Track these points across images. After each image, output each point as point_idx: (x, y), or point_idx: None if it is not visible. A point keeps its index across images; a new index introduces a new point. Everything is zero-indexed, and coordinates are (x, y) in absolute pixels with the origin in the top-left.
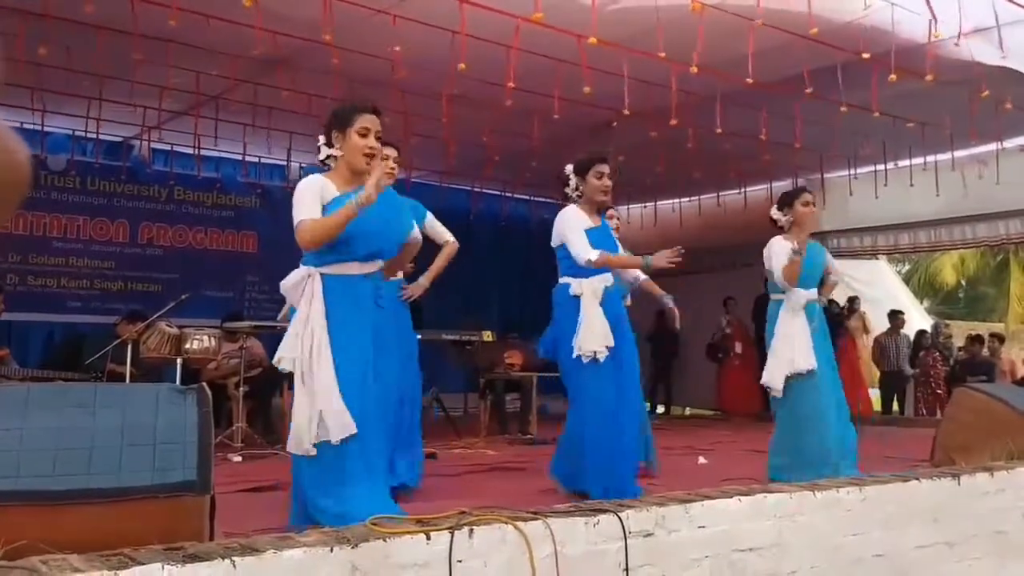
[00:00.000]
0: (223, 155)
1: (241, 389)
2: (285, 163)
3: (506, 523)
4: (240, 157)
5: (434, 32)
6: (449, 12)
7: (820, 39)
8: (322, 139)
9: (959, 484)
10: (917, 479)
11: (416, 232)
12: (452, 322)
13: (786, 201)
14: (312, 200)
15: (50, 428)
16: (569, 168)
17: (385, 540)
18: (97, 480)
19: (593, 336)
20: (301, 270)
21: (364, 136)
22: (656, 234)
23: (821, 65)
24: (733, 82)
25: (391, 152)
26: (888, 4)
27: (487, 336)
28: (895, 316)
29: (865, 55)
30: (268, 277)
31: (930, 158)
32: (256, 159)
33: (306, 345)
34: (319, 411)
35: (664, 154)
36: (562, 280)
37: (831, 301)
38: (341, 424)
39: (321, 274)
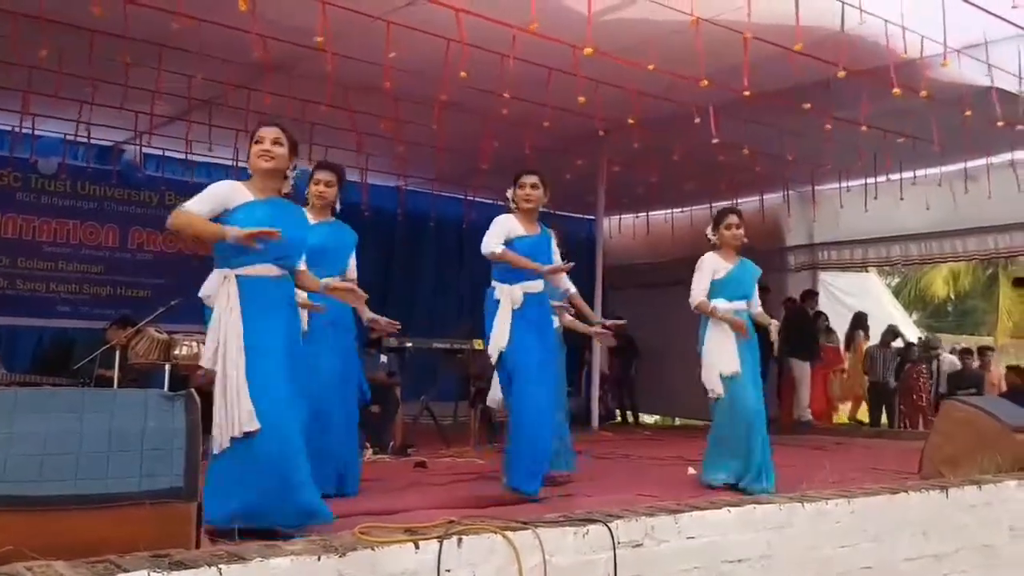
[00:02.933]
0: (215, 160)
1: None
2: None
3: (495, 532)
4: (232, 163)
5: (428, 40)
6: (444, 20)
7: (811, 53)
8: None
9: (947, 497)
10: (905, 491)
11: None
12: (443, 330)
13: (715, 222)
14: (208, 200)
15: (37, 433)
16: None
17: (373, 549)
18: (84, 486)
19: (494, 338)
20: (217, 273)
21: (259, 143)
22: (647, 244)
23: (813, 79)
24: (725, 94)
25: (324, 176)
26: (881, 20)
27: (478, 344)
28: (890, 332)
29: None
30: None
31: (920, 172)
32: (245, 163)
33: (221, 344)
34: (229, 406)
35: (656, 165)
36: (493, 284)
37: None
38: (246, 418)
39: (236, 276)
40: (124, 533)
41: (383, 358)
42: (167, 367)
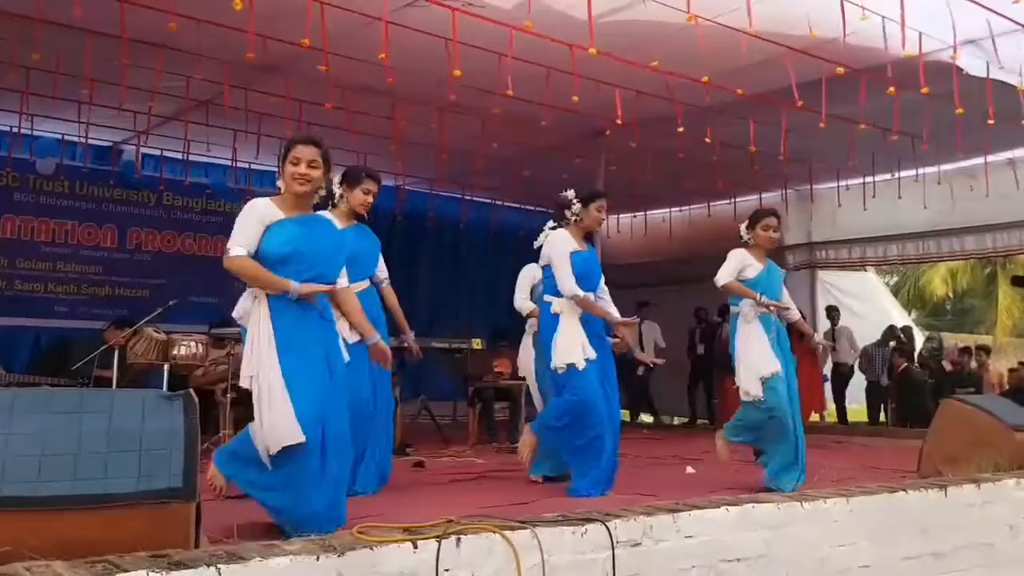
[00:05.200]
0: (213, 161)
1: (228, 396)
2: (276, 169)
3: (494, 532)
4: (230, 163)
5: (427, 40)
6: (442, 21)
7: (809, 52)
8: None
9: (946, 495)
10: (904, 490)
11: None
12: (441, 330)
13: (752, 221)
14: (250, 226)
15: (35, 434)
16: (571, 193)
17: (372, 548)
18: (82, 486)
19: (569, 349)
20: (248, 294)
21: (295, 164)
22: (646, 244)
23: (811, 78)
24: (723, 93)
25: (373, 187)
26: (879, 17)
27: (476, 344)
28: (890, 331)
29: (840, 68)
30: None
31: (919, 170)
32: (246, 165)
33: (257, 364)
34: (270, 422)
35: (654, 164)
36: (545, 298)
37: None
38: (289, 433)
39: (267, 295)
40: (123, 533)
41: None
42: (165, 367)
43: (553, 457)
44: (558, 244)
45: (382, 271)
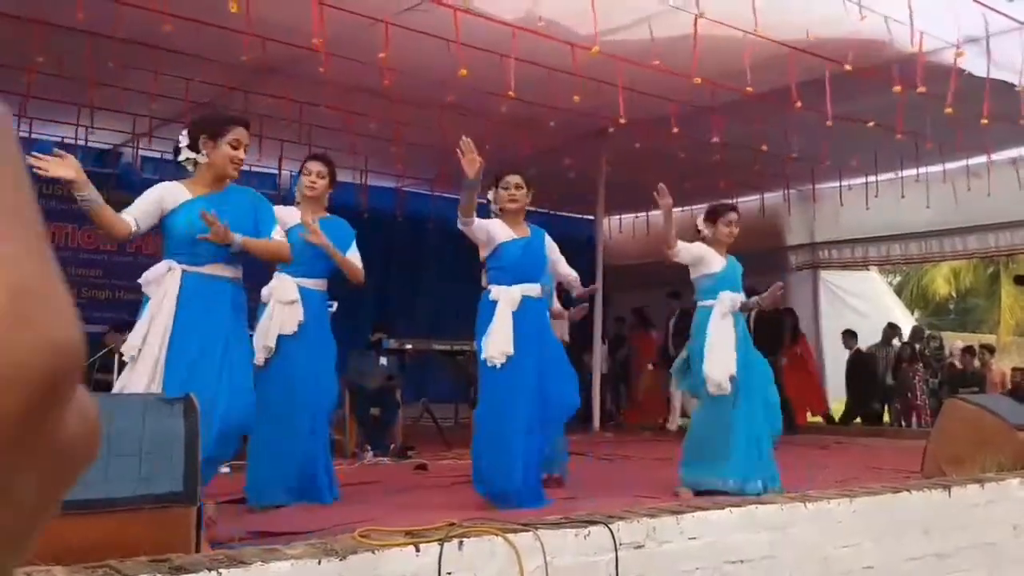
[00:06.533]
0: None
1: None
2: (276, 171)
3: (496, 535)
4: None
5: (428, 40)
6: (444, 22)
7: (812, 51)
8: (184, 140)
9: (950, 496)
10: (908, 491)
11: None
12: (443, 331)
13: (712, 216)
14: (145, 202)
15: None
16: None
17: (374, 552)
18: (83, 491)
19: (496, 342)
20: (163, 263)
21: (236, 148)
22: (648, 244)
23: (813, 77)
24: (726, 93)
25: (316, 167)
26: (881, 17)
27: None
28: (891, 329)
29: (847, 66)
30: (255, 286)
31: (921, 170)
32: (247, 167)
33: (145, 333)
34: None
35: (656, 164)
36: (487, 286)
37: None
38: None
39: (183, 270)
40: (124, 538)
41: (382, 360)
42: None
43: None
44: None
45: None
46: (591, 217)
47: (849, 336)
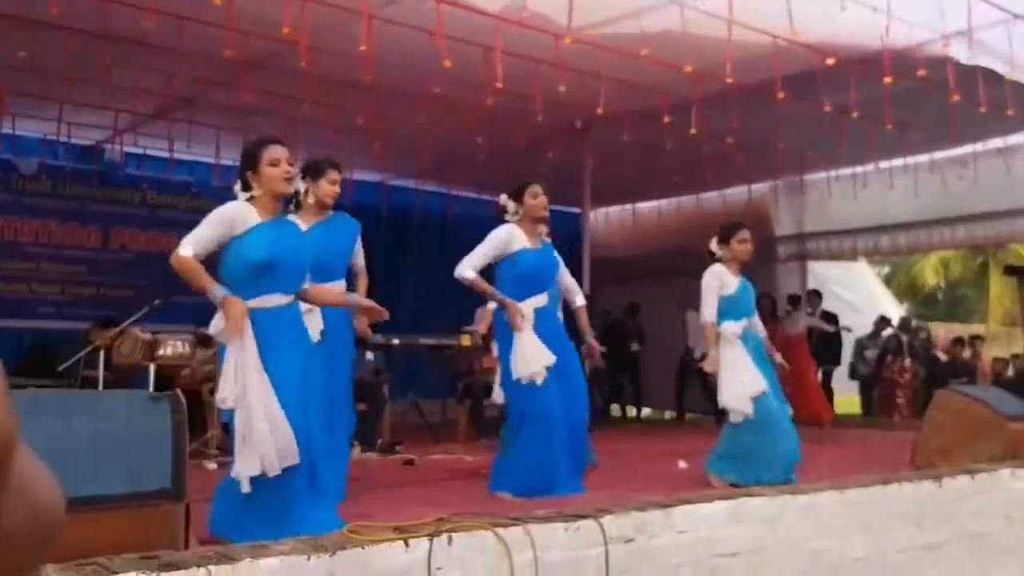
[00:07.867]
0: (196, 158)
1: (215, 395)
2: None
3: (486, 530)
4: (214, 160)
5: (410, 33)
6: (426, 15)
7: (799, 42)
8: (238, 186)
9: (940, 487)
10: (898, 482)
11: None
12: (430, 326)
13: (725, 236)
14: (213, 230)
15: (22, 437)
16: (503, 197)
17: (363, 548)
18: (71, 489)
19: (528, 362)
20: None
21: (276, 165)
22: (635, 236)
23: (801, 68)
24: (711, 84)
25: (337, 176)
26: (869, 8)
27: (465, 341)
28: (882, 321)
29: (831, 59)
30: None
31: (910, 160)
32: (230, 162)
33: (242, 382)
34: (267, 441)
35: (643, 156)
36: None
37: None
38: (289, 453)
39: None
40: (113, 535)
41: (369, 355)
42: (151, 367)
43: None
44: (493, 239)
45: (360, 259)
46: (577, 210)
47: (814, 296)
